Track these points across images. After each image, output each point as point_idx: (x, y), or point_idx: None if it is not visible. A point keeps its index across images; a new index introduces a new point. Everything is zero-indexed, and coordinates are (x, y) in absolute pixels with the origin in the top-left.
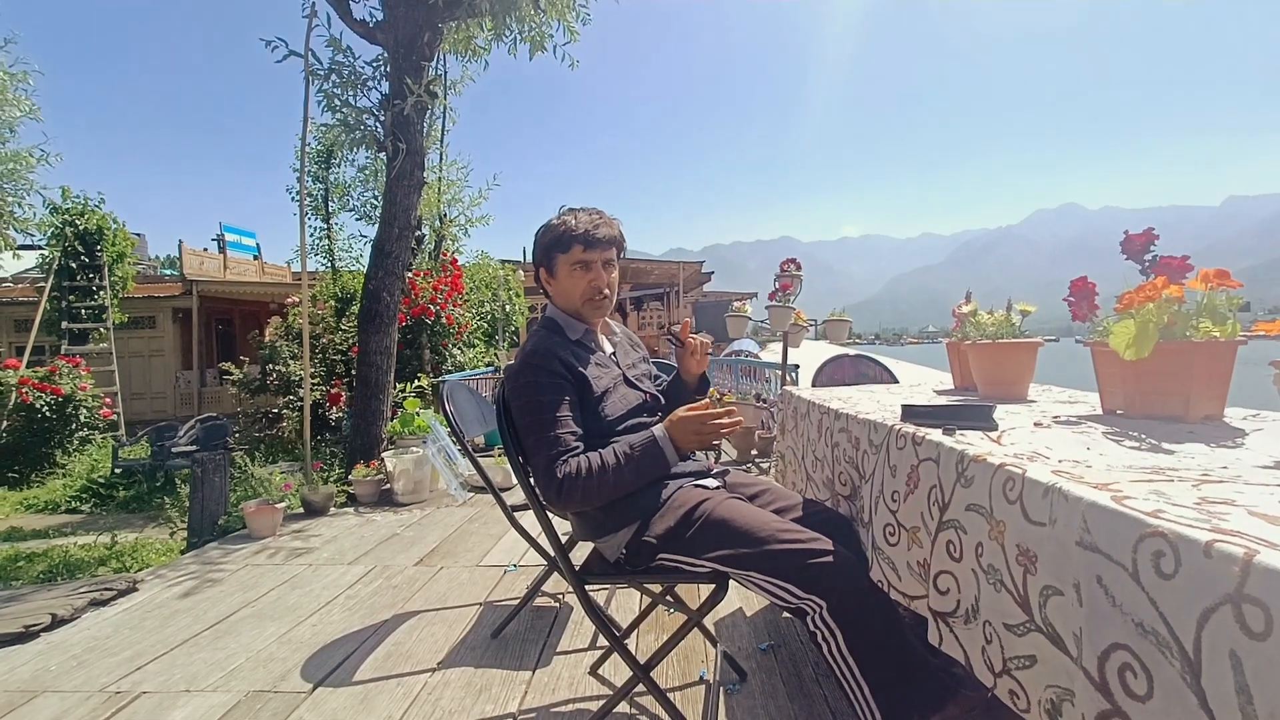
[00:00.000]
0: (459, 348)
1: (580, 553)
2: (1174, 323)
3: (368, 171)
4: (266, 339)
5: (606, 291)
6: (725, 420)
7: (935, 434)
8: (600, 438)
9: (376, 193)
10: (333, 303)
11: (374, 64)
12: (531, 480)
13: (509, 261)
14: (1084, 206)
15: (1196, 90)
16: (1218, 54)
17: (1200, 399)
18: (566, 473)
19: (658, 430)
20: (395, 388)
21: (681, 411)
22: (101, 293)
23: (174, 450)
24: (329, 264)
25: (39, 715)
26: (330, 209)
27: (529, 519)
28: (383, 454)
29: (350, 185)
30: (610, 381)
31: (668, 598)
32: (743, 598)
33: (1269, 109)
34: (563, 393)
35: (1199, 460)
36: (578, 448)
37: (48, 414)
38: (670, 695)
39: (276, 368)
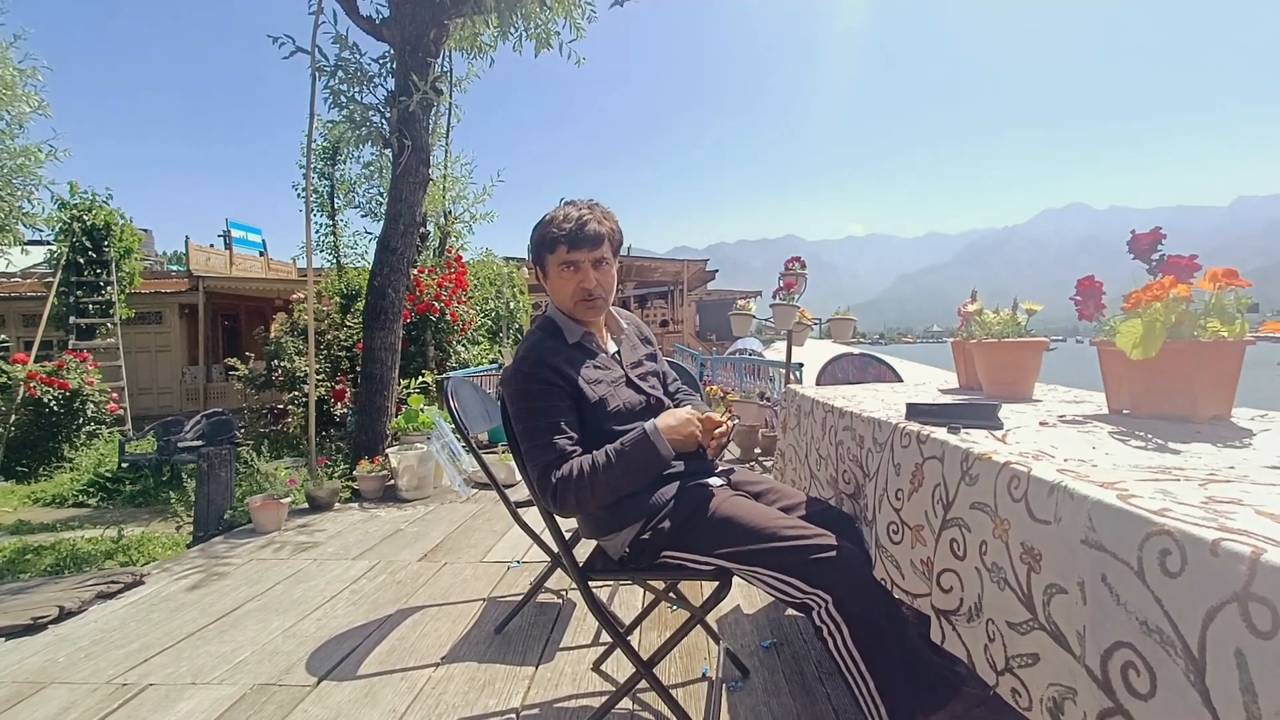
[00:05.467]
0: (463, 344)
1: (584, 550)
2: (1181, 322)
3: (373, 168)
4: (272, 335)
5: (599, 292)
6: (721, 425)
7: (940, 432)
8: (600, 441)
9: (382, 189)
10: (338, 299)
11: (380, 61)
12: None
13: (513, 258)
14: (1091, 206)
15: (1206, 89)
16: (1227, 52)
17: (1207, 399)
18: (559, 477)
19: (648, 425)
20: (400, 384)
21: (668, 418)
22: (109, 288)
23: (180, 445)
24: (334, 260)
25: (48, 706)
26: (335, 205)
27: (533, 515)
28: (387, 450)
29: (356, 182)
30: (610, 386)
31: (671, 595)
32: (745, 595)
33: None
34: (554, 398)
35: (1206, 460)
36: (573, 452)
37: (55, 408)
38: (673, 692)
39: (282, 364)
